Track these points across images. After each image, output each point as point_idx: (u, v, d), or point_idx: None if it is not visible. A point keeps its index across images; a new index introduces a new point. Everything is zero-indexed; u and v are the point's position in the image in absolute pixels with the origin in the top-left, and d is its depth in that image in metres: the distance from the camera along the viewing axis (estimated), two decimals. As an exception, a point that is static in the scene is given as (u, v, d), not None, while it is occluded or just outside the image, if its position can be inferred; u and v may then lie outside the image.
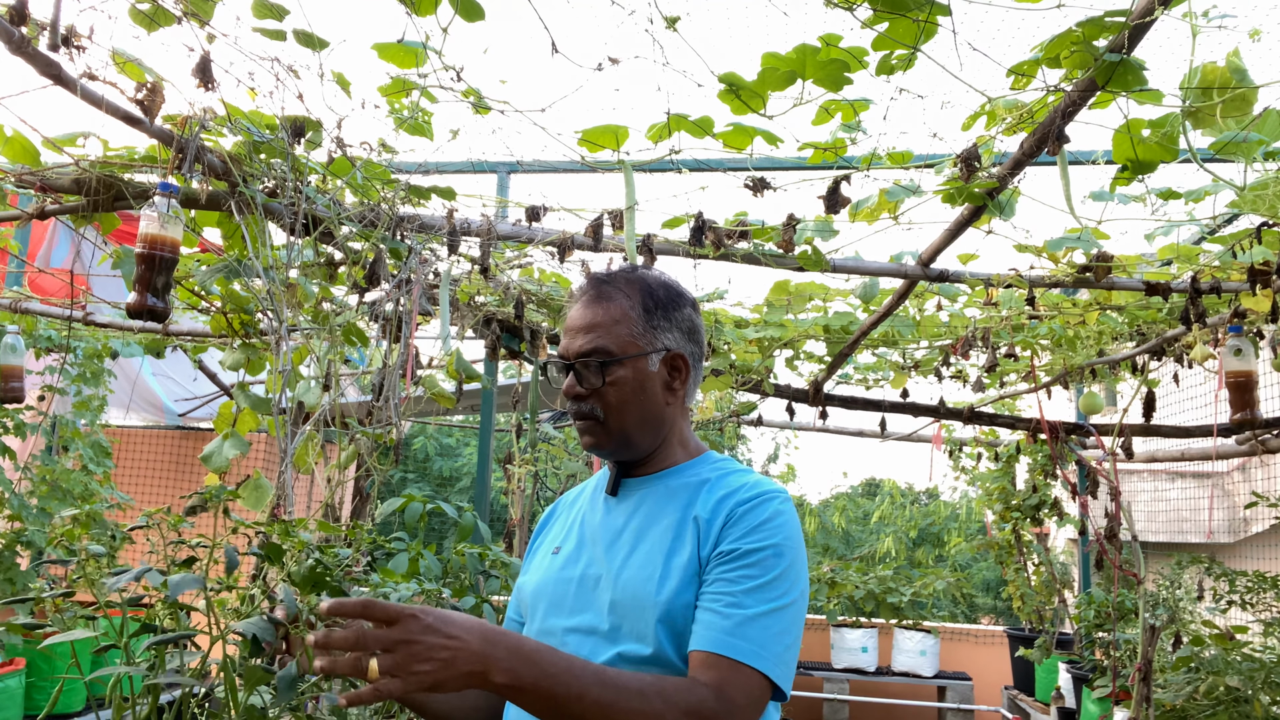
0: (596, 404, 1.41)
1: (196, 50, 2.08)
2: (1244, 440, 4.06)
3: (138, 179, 2.44)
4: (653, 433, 1.45)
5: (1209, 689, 3.09)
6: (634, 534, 1.39)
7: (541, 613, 1.43)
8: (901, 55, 1.98)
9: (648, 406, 1.43)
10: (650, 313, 1.44)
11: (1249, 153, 2.15)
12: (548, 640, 1.38)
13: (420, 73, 2.27)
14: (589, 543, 1.44)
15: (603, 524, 1.45)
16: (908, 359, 4.69)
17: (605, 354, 1.40)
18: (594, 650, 1.32)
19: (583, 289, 1.48)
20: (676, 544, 1.34)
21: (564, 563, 1.45)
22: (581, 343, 1.42)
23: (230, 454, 2.56)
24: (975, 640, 7.52)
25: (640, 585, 1.32)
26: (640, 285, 1.46)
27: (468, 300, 3.53)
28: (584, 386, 1.41)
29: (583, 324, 1.43)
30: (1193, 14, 1.69)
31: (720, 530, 1.32)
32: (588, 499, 1.55)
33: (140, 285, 2.08)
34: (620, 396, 1.40)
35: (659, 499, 1.42)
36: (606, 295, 1.44)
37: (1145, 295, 3.05)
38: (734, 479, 1.41)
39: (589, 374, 1.40)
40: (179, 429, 7.22)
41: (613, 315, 1.42)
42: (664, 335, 1.44)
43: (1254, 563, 5.43)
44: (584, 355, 1.41)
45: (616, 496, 1.47)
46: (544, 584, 1.45)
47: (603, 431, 1.42)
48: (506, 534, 3.95)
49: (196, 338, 4.24)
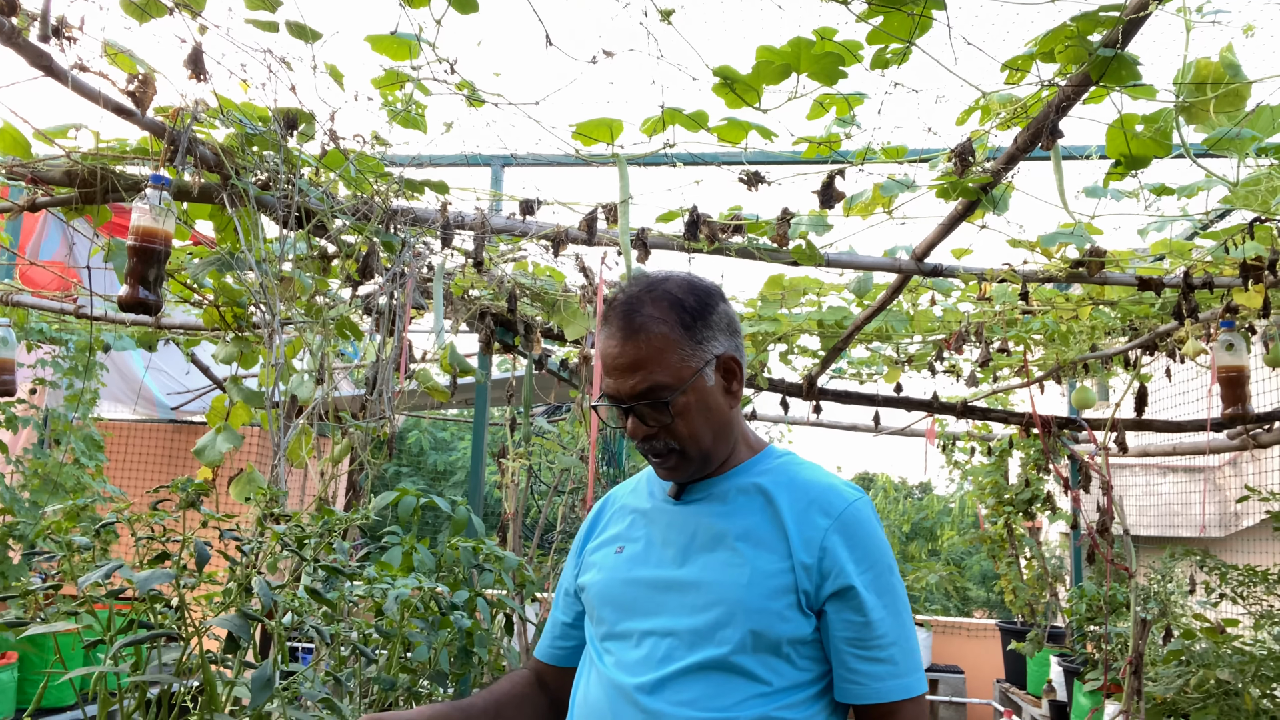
0: (669, 438, 1.36)
1: (189, 42, 2.07)
2: (1235, 435, 4.07)
3: (129, 171, 2.43)
4: (725, 440, 1.41)
5: (1200, 682, 3.10)
6: (711, 536, 1.35)
7: (611, 616, 1.39)
8: (896, 49, 1.98)
9: (717, 420, 1.38)
10: (690, 328, 1.36)
11: (1242, 148, 2.16)
12: (622, 644, 1.35)
13: (414, 65, 2.26)
14: (659, 543, 1.40)
15: (672, 524, 1.40)
16: (901, 353, 4.70)
17: (664, 389, 1.33)
18: (670, 653, 1.29)
19: (612, 320, 1.38)
20: (763, 550, 1.31)
21: (631, 563, 1.41)
22: (634, 383, 1.33)
23: (223, 447, 2.56)
24: (967, 634, 7.56)
25: (727, 590, 1.29)
26: (670, 301, 1.36)
27: (462, 294, 3.52)
28: (651, 425, 1.36)
29: (629, 362, 1.34)
30: (1187, 9, 1.69)
31: (822, 555, 1.29)
32: (646, 495, 1.49)
33: (132, 278, 2.07)
34: (690, 425, 1.35)
35: (731, 498, 1.38)
36: (642, 326, 1.34)
37: (1138, 290, 3.06)
38: (810, 480, 1.37)
39: (652, 413, 1.35)
40: (172, 422, 7.21)
41: (655, 345, 1.33)
42: (710, 345, 1.37)
43: (1245, 556, 5.45)
44: (641, 396, 1.34)
45: (681, 495, 1.43)
46: (611, 585, 1.41)
47: (685, 460, 1.37)
48: (500, 528, 3.95)
49: (189, 331, 4.22)
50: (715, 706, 1.25)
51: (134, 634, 1.19)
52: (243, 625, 1.13)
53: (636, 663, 1.32)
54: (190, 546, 1.21)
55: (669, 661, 1.29)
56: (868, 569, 1.29)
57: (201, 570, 1.17)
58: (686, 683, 1.27)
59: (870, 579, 1.29)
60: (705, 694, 1.26)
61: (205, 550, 1.19)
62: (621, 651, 1.35)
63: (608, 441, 3.64)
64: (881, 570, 1.31)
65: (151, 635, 1.14)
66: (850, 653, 1.28)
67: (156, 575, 1.13)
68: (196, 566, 1.17)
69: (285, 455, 2.35)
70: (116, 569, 1.18)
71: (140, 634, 1.15)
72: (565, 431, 4.77)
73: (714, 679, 1.27)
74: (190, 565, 1.24)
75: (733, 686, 1.26)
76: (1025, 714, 5.33)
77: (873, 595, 1.28)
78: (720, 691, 1.26)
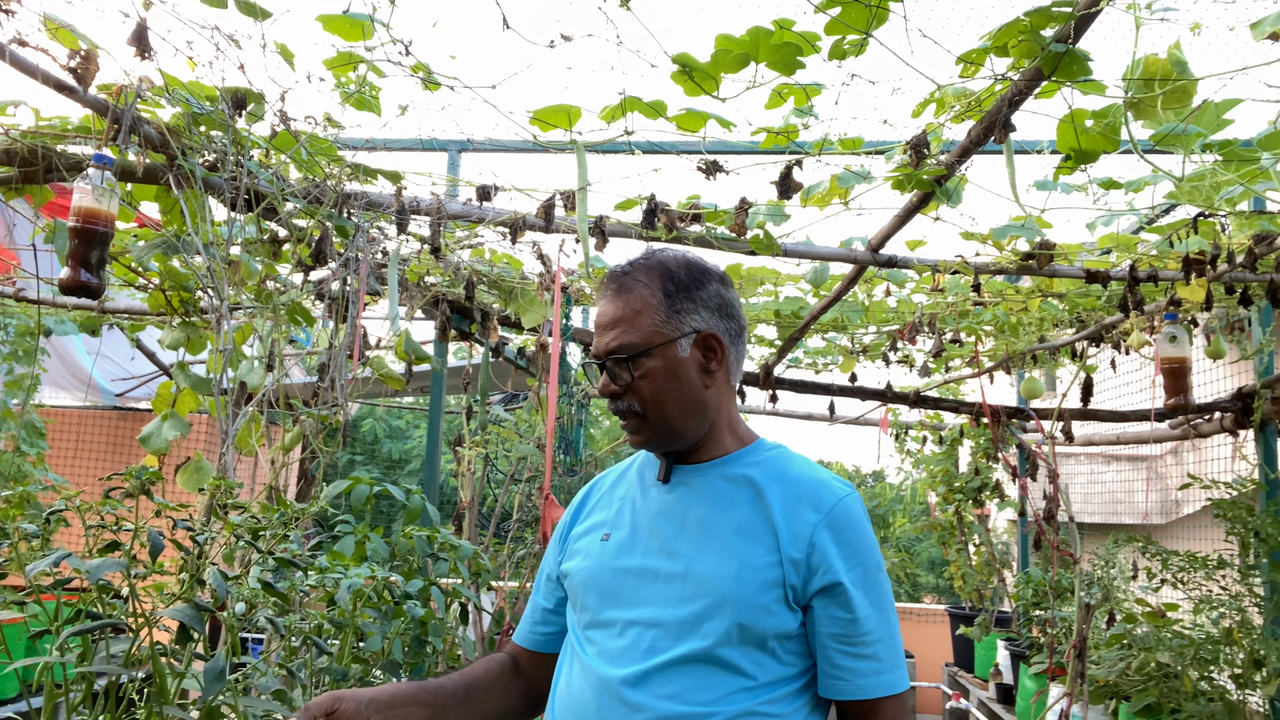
0: (633, 400, 1.38)
1: (133, 17, 2.00)
2: (1177, 425, 4.19)
3: (71, 150, 2.36)
4: (697, 419, 1.40)
5: (1141, 665, 3.19)
6: (699, 526, 1.35)
7: (595, 603, 1.38)
8: (854, 41, 1.99)
9: (686, 394, 1.38)
10: (672, 297, 1.39)
11: (1187, 144, 2.21)
12: (606, 632, 1.34)
13: (367, 46, 2.22)
14: (645, 532, 1.39)
15: (660, 513, 1.40)
16: (856, 344, 4.75)
17: (631, 348, 1.37)
18: (654, 644, 1.29)
19: (604, 283, 1.44)
20: (751, 543, 1.31)
21: (618, 551, 1.40)
22: (608, 340, 1.38)
23: (170, 435, 2.50)
24: (918, 619, 7.69)
25: (714, 582, 1.29)
26: (660, 270, 1.42)
27: (417, 280, 3.48)
28: (617, 384, 1.38)
29: (608, 320, 1.39)
30: (1136, 5, 1.72)
31: (811, 550, 1.29)
32: (633, 483, 1.49)
33: (74, 260, 2.01)
34: (654, 388, 1.37)
35: (720, 489, 1.38)
36: (627, 287, 1.40)
37: (1085, 283, 3.12)
38: (801, 474, 1.38)
39: (619, 370, 1.38)
40: (116, 409, 7.03)
41: (634, 307, 1.38)
42: (690, 317, 1.40)
43: (1185, 543, 5.62)
44: (612, 353, 1.38)
45: (669, 483, 1.43)
46: (596, 572, 1.40)
47: (646, 426, 1.39)
48: (456, 516, 3.92)
49: (134, 315, 4.12)
50: (699, 700, 1.25)
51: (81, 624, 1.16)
52: (195, 616, 1.10)
53: (620, 653, 1.31)
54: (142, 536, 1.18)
55: (653, 653, 1.28)
56: (856, 565, 1.30)
57: (155, 560, 1.14)
58: (670, 675, 1.26)
59: (858, 575, 1.29)
60: (689, 687, 1.26)
61: (159, 540, 1.16)
62: (605, 641, 1.34)
63: (565, 430, 3.63)
64: (870, 567, 1.31)
65: (98, 625, 1.11)
66: (836, 649, 1.28)
67: (107, 564, 1.09)
68: (150, 557, 1.14)
69: (234, 443, 2.30)
70: (65, 558, 1.15)
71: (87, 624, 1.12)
72: (522, 420, 4.75)
73: (698, 672, 1.26)
74: (142, 555, 1.21)
75: (717, 680, 1.26)
76: (973, 697, 5.44)
77: (860, 592, 1.29)
78: (704, 685, 1.26)
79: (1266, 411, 3.59)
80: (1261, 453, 3.62)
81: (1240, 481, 3.57)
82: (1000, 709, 4.87)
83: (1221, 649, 3.06)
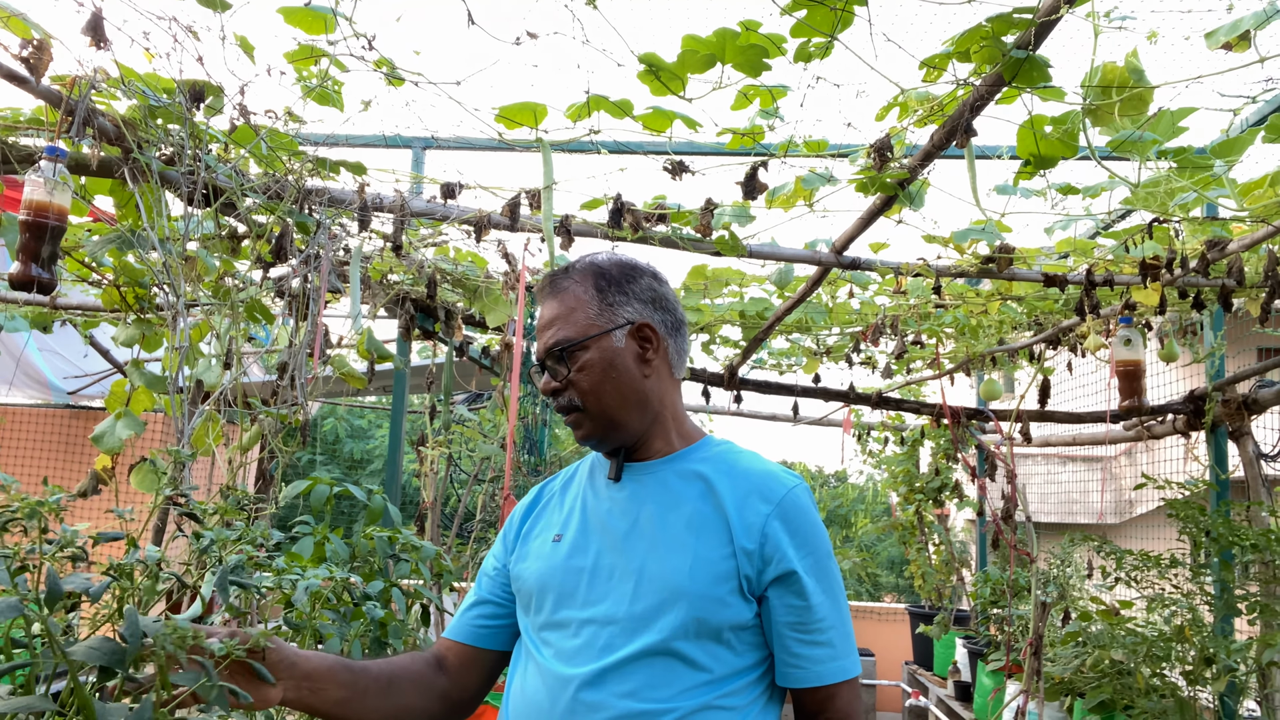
0: (573, 394, 1.41)
1: (87, 6, 1.96)
2: (1131, 426, 4.27)
3: (23, 142, 2.30)
4: (639, 410, 1.42)
5: (1095, 662, 3.25)
6: (652, 524, 1.36)
7: (550, 604, 1.38)
8: (819, 43, 2.00)
9: (624, 383, 1.41)
10: (603, 291, 1.44)
11: (1143, 151, 2.25)
12: (560, 633, 1.34)
13: (330, 40, 2.19)
14: (597, 531, 1.40)
15: (611, 511, 1.41)
16: (820, 345, 4.79)
17: (566, 342, 1.40)
18: (610, 642, 1.28)
19: (540, 290, 1.49)
20: (704, 537, 1.32)
21: (570, 551, 1.40)
22: (547, 338, 1.42)
23: (123, 434, 2.45)
24: (878, 618, 7.77)
25: (669, 577, 1.29)
26: (592, 269, 1.47)
27: (380, 278, 3.44)
28: (556, 380, 1.41)
29: (545, 321, 1.44)
30: (1095, 14, 1.75)
31: (764, 540, 1.31)
32: (584, 484, 1.50)
33: (24, 255, 1.96)
34: (591, 380, 1.40)
35: (669, 486, 1.39)
36: (561, 287, 1.45)
37: (1043, 286, 3.17)
38: (750, 468, 1.40)
39: (558, 367, 1.41)
40: (68, 408, 6.87)
41: (568, 304, 1.43)
42: (623, 309, 1.43)
43: (1139, 542, 5.73)
44: (549, 349, 1.41)
45: (620, 482, 1.44)
46: (549, 573, 1.40)
47: (588, 419, 1.41)
48: (419, 517, 3.88)
49: (87, 312, 4.02)
50: (656, 697, 1.25)
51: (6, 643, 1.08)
52: (115, 653, 1.01)
53: (575, 652, 1.31)
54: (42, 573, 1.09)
55: (609, 651, 1.28)
56: (808, 554, 1.32)
57: (51, 607, 1.04)
58: (627, 672, 1.26)
59: (811, 564, 1.32)
60: (646, 684, 1.26)
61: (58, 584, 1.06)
62: (560, 641, 1.34)
63: (529, 430, 3.61)
64: (821, 556, 1.34)
65: (9, 667, 1.03)
66: (793, 637, 1.30)
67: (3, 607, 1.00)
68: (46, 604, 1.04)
69: (190, 442, 2.26)
70: None
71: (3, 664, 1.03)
72: (486, 419, 4.72)
73: (655, 667, 1.26)
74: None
75: (674, 675, 1.26)
76: (932, 694, 5.51)
77: (813, 580, 1.31)
78: (661, 681, 1.26)
79: (1217, 414, 3.68)
80: (1213, 454, 3.70)
81: (1192, 482, 3.65)
82: (958, 706, 4.94)
83: (1173, 646, 3.12)
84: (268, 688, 1.23)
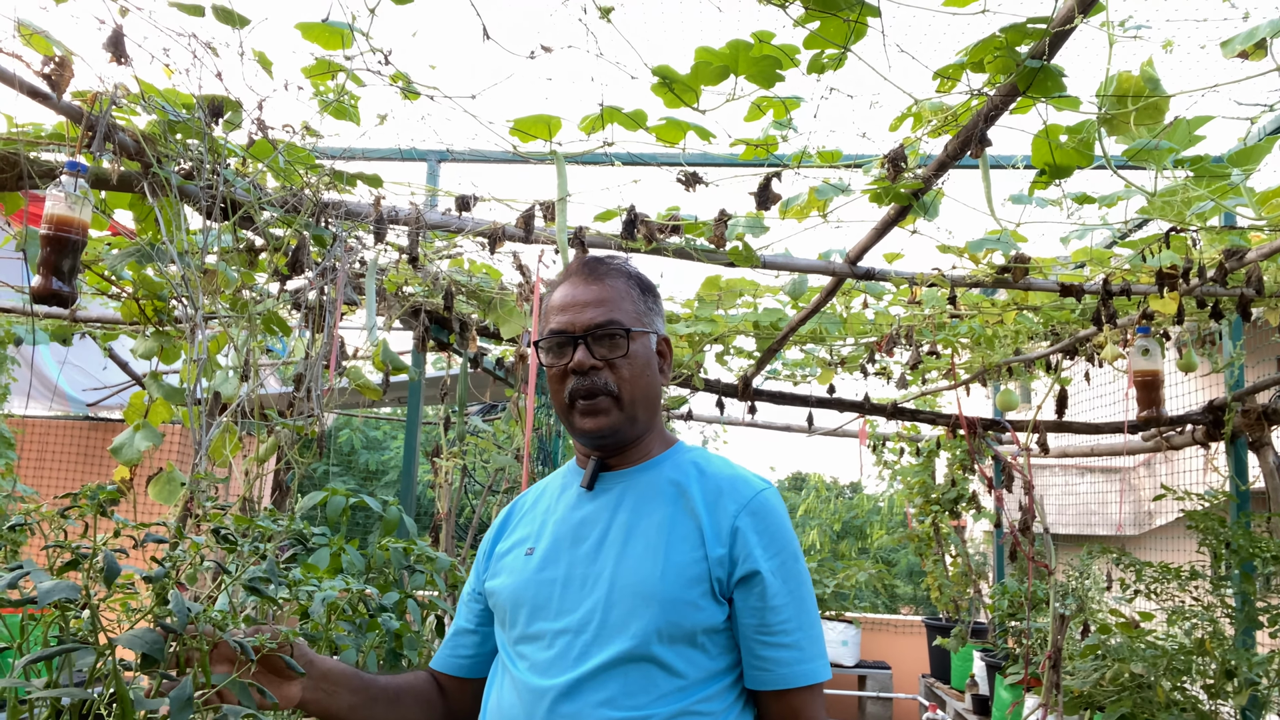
0: (610, 378, 1.38)
1: (109, 23, 1.98)
2: (1150, 437, 4.23)
3: (44, 157, 2.33)
4: (650, 414, 1.44)
5: (1115, 675, 3.21)
6: (624, 531, 1.35)
7: (525, 618, 1.37)
8: (832, 54, 2.00)
9: (652, 385, 1.43)
10: (644, 295, 1.46)
11: (1160, 160, 2.24)
12: (535, 645, 1.33)
13: (346, 55, 2.21)
14: (568, 541, 1.39)
15: (583, 521, 1.40)
16: (834, 355, 4.77)
17: (622, 326, 1.39)
18: (584, 651, 1.28)
19: (575, 269, 1.46)
20: (675, 541, 1.32)
21: (541, 564, 1.39)
22: (592, 315, 1.39)
23: (142, 446, 2.47)
24: (895, 630, 7.71)
25: (641, 583, 1.29)
26: (631, 270, 1.48)
27: (395, 290, 3.46)
28: (596, 357, 1.37)
29: (590, 298, 1.40)
30: (1110, 23, 1.75)
31: (733, 541, 1.31)
32: (554, 497, 1.49)
33: (45, 268, 1.99)
34: (634, 370, 1.39)
35: (641, 493, 1.39)
36: (604, 274, 1.44)
37: (1060, 296, 3.15)
38: (720, 472, 1.41)
39: (601, 346, 1.38)
40: (88, 419, 6.93)
41: (618, 292, 1.42)
42: (655, 318, 1.47)
43: (1158, 554, 5.67)
44: (598, 326, 1.38)
45: (593, 491, 1.43)
46: (522, 587, 1.39)
47: (615, 406, 1.38)
48: (433, 528, 3.89)
49: (106, 324, 4.07)
50: (632, 705, 1.24)
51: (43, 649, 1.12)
52: (156, 643, 1.06)
53: (550, 664, 1.30)
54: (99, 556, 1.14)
55: (584, 659, 1.28)
56: (775, 555, 1.32)
57: (110, 585, 1.10)
58: (602, 680, 1.26)
59: (776, 565, 1.32)
60: (622, 692, 1.25)
61: (115, 564, 1.12)
62: (534, 654, 1.33)
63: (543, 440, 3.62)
64: (787, 558, 1.33)
65: (62, 650, 1.08)
66: (757, 639, 1.30)
67: (59, 588, 1.05)
68: (105, 582, 1.10)
69: (208, 454, 2.27)
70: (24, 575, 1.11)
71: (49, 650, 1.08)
72: (500, 430, 4.73)
73: (630, 674, 1.26)
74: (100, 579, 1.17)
75: (649, 681, 1.26)
76: (949, 708, 5.46)
77: (778, 581, 1.31)
78: (637, 688, 1.25)
79: (1237, 424, 3.64)
80: (1232, 465, 3.66)
81: (1212, 493, 3.61)
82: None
83: (1194, 659, 3.08)
84: (288, 686, 1.27)
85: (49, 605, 1.03)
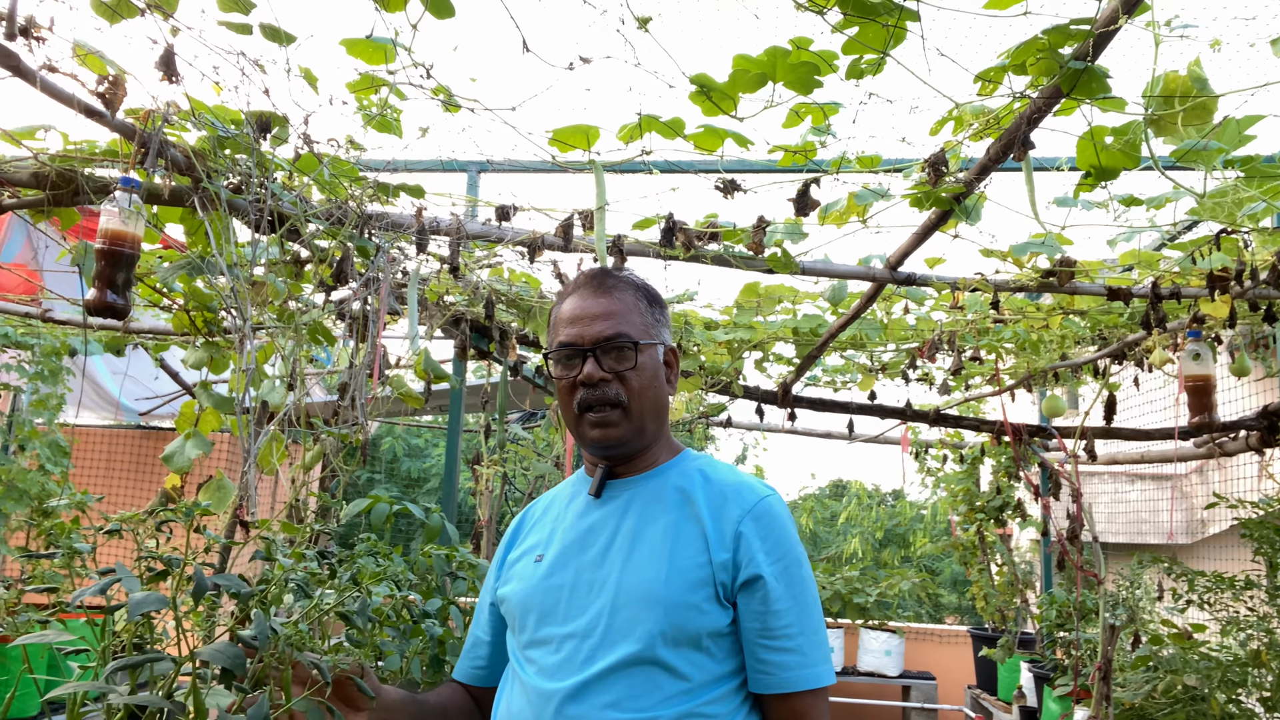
0: (620, 390, 1.41)
1: (160, 43, 2.04)
2: (1202, 443, 4.13)
3: (98, 173, 2.40)
4: (658, 424, 1.47)
5: (1167, 687, 3.14)
6: (630, 536, 1.38)
7: (533, 623, 1.40)
8: (871, 60, 1.99)
9: (660, 396, 1.46)
10: (652, 307, 1.49)
11: (1209, 161, 2.20)
12: (543, 650, 1.36)
13: (389, 69, 2.25)
14: (576, 548, 1.42)
15: (590, 528, 1.43)
16: (875, 361, 4.73)
17: (631, 339, 1.42)
18: (591, 654, 1.30)
19: (583, 282, 1.49)
20: (680, 545, 1.34)
21: (549, 570, 1.42)
22: (601, 328, 1.42)
23: (192, 454, 2.52)
24: (939, 640, 7.60)
25: (645, 587, 1.31)
26: (638, 282, 1.51)
27: (436, 300, 3.50)
28: (605, 369, 1.41)
29: (599, 311, 1.44)
30: (1155, 23, 1.72)
31: (737, 546, 1.33)
32: (563, 505, 1.52)
33: (100, 282, 2.04)
34: (642, 381, 1.42)
35: (648, 500, 1.42)
36: (612, 286, 1.47)
37: (1107, 300, 3.10)
38: (725, 478, 1.43)
39: (610, 359, 1.41)
40: (139, 428, 7.10)
41: (626, 305, 1.45)
42: (663, 330, 1.50)
43: (1211, 563, 5.54)
44: (606, 339, 1.41)
45: (600, 499, 1.46)
46: (531, 593, 1.42)
47: (624, 418, 1.41)
48: (474, 535, 3.92)
49: (158, 335, 4.17)
50: (638, 707, 1.26)
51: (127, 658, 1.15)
52: (236, 658, 1.08)
53: (557, 667, 1.33)
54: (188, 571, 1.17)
55: (590, 663, 1.30)
56: (777, 560, 1.33)
57: (198, 602, 1.12)
58: (608, 683, 1.28)
59: (779, 570, 1.33)
60: (627, 694, 1.27)
61: (205, 580, 1.14)
62: (542, 658, 1.36)
63: (583, 448, 3.63)
64: (790, 562, 1.34)
65: (145, 659, 1.10)
66: (759, 643, 1.31)
67: (149, 600, 1.07)
68: (193, 598, 1.12)
69: (256, 462, 2.32)
70: (115, 582, 1.13)
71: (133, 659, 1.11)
72: (540, 438, 4.75)
73: (636, 677, 1.27)
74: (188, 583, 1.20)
75: (655, 684, 1.27)
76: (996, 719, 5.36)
77: (780, 585, 1.32)
78: (642, 691, 1.27)
79: (1293, 430, 3.54)
80: (1289, 471, 3.56)
81: (1267, 500, 3.51)
82: (1024, 732, 4.80)
83: (1249, 671, 3.00)
84: (354, 712, 1.31)
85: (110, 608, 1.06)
